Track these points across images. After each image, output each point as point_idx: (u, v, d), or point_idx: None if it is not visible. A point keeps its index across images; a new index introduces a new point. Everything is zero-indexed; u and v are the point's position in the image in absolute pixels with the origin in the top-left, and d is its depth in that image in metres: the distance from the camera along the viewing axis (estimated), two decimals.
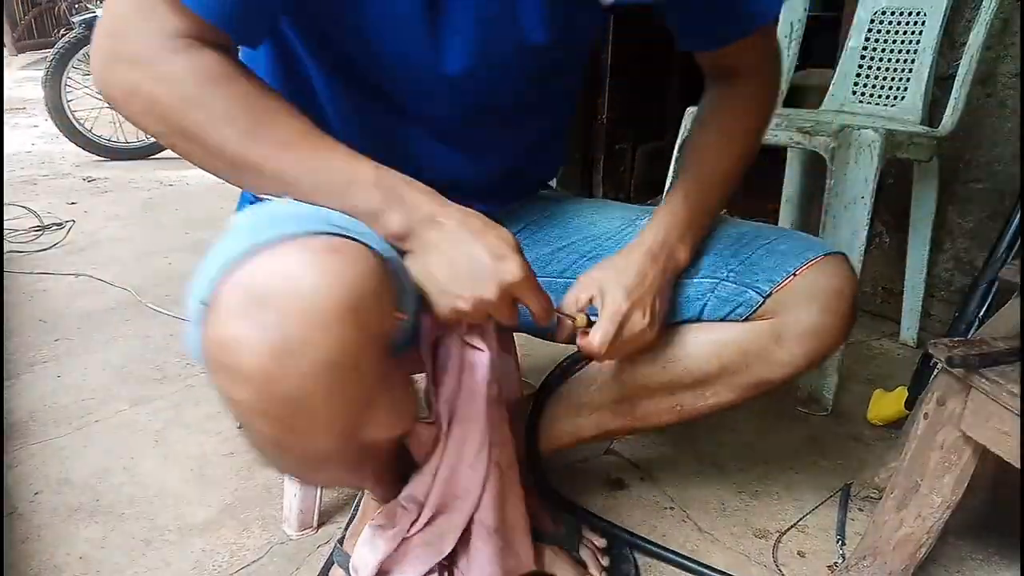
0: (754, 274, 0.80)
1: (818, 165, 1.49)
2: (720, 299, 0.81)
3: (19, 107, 5.02)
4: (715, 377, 0.82)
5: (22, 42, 8.19)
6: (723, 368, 0.82)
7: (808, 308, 0.77)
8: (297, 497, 0.98)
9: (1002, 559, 0.98)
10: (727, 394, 0.84)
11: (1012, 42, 1.52)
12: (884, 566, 0.88)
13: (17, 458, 1.16)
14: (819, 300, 0.77)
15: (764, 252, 0.81)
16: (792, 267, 0.79)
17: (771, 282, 0.79)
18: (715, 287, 0.82)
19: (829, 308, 0.78)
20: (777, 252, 0.80)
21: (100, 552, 0.96)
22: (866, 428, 1.32)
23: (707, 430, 1.30)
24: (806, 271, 0.78)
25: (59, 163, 3.46)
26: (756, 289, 0.79)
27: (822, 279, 0.78)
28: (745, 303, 0.80)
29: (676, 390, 0.85)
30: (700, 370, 0.82)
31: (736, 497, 1.12)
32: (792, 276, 0.78)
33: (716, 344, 0.81)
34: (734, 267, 0.81)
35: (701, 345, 0.82)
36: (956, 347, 0.78)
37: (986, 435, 0.75)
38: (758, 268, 0.80)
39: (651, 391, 0.85)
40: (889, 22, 1.61)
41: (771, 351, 0.79)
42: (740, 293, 0.80)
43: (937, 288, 1.72)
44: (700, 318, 0.83)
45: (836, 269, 0.79)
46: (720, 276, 0.82)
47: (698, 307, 0.83)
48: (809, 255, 0.79)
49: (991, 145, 1.59)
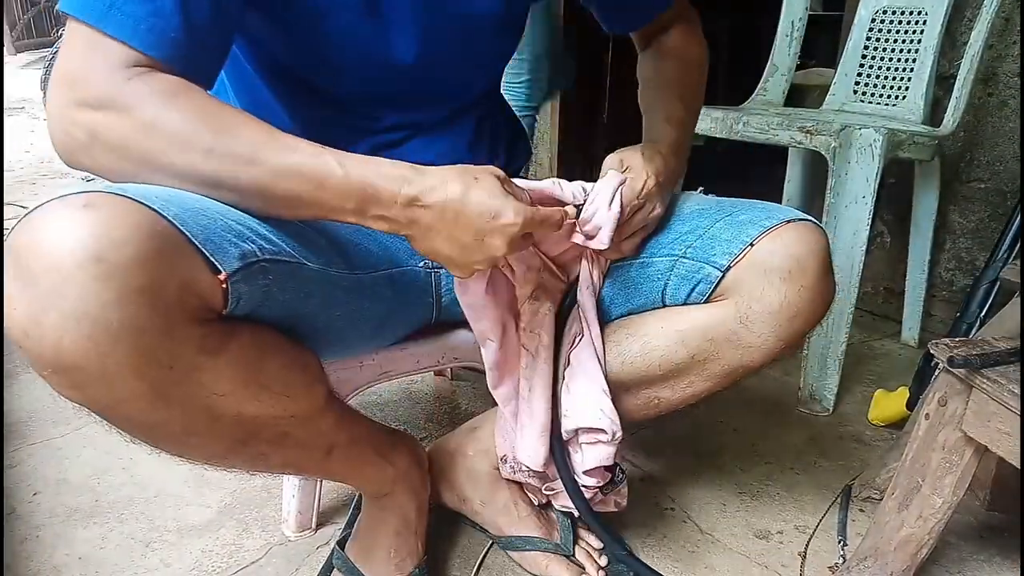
0: (711, 248, 0.76)
1: (819, 165, 1.49)
2: (680, 277, 0.78)
3: (18, 107, 5.02)
4: (686, 368, 0.79)
5: (21, 41, 8.19)
6: (692, 358, 0.78)
7: (769, 282, 0.72)
8: (296, 498, 0.98)
9: (1003, 560, 0.98)
10: (703, 383, 0.80)
11: (1014, 41, 1.52)
12: (885, 567, 0.87)
13: (16, 458, 1.15)
14: (780, 271, 0.71)
15: (723, 225, 0.77)
16: (750, 236, 0.73)
17: (728, 255, 0.74)
18: (674, 265, 0.79)
19: (793, 280, 0.71)
20: (736, 223, 0.75)
21: (99, 552, 0.96)
22: (867, 429, 1.32)
23: (707, 430, 1.29)
24: (764, 240, 0.72)
25: (59, 163, 3.44)
26: (713, 264, 0.75)
27: (780, 247, 0.72)
28: (704, 279, 0.76)
29: (650, 384, 0.82)
30: (669, 362, 0.79)
31: (737, 498, 1.12)
32: (749, 246, 0.73)
33: (679, 333, 0.78)
34: (692, 242, 0.78)
35: (665, 336, 0.79)
36: (958, 347, 0.78)
37: (987, 435, 0.75)
38: (716, 241, 0.76)
39: (626, 386, 0.83)
40: (890, 21, 1.60)
41: (739, 334, 0.74)
42: (698, 269, 0.76)
43: (938, 288, 1.72)
44: (664, 301, 0.81)
45: (799, 235, 0.73)
46: (678, 253, 0.78)
47: (659, 287, 0.80)
48: (768, 223, 0.73)
49: (992, 145, 1.59)
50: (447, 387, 1.44)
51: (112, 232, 0.51)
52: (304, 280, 0.66)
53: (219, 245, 0.56)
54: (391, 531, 0.88)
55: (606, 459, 0.82)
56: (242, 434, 0.68)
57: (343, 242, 0.75)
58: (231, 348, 0.59)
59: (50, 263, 0.50)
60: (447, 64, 0.80)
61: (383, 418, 1.32)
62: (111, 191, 0.53)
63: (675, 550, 1.00)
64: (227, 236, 0.58)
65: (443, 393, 1.42)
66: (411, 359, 0.91)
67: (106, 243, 0.50)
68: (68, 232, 0.50)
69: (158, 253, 0.52)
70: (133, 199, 0.53)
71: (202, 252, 0.55)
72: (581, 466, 0.83)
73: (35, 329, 0.51)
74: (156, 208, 0.53)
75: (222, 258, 0.56)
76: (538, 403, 0.82)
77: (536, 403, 0.82)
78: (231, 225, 0.59)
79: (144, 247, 0.52)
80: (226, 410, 0.63)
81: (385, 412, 1.34)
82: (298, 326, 0.68)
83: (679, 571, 0.96)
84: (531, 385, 0.83)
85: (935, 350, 0.79)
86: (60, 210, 0.51)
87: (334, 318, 0.73)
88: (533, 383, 0.82)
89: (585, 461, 0.83)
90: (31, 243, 0.51)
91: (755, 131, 1.42)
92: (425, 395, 1.41)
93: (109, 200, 0.52)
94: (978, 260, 1.63)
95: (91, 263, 0.50)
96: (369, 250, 0.78)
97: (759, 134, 1.42)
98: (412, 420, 1.32)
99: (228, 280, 0.56)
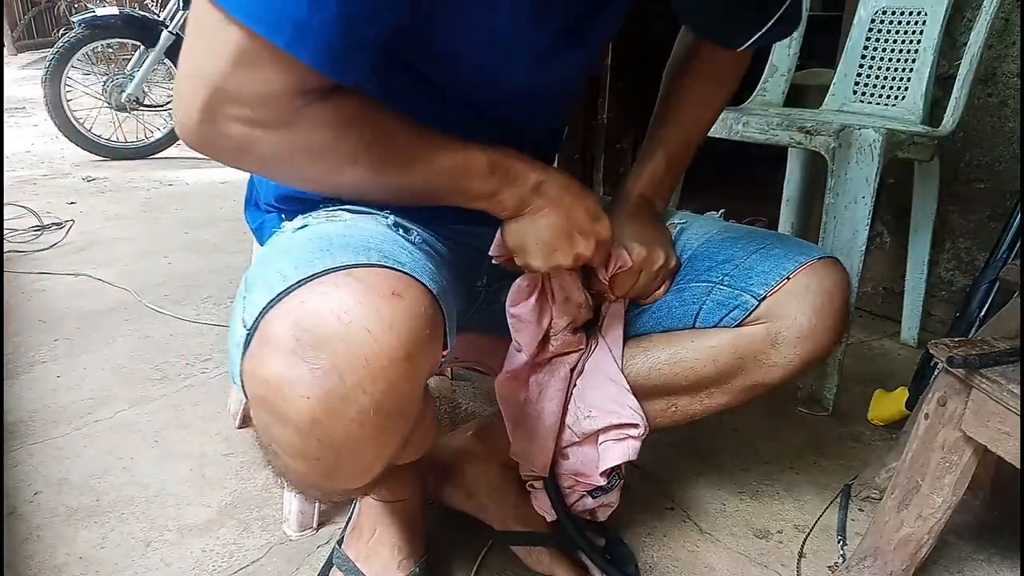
0: (749, 278, 0.81)
1: (819, 165, 1.49)
2: (715, 303, 0.82)
3: (18, 107, 5.02)
4: (711, 381, 0.83)
5: (21, 41, 8.19)
6: (719, 372, 0.82)
7: (802, 311, 0.78)
8: (296, 498, 0.98)
9: (1003, 559, 0.98)
10: (722, 397, 0.84)
11: (1013, 41, 1.52)
12: (885, 566, 0.87)
13: (17, 458, 1.15)
14: (813, 303, 0.78)
15: (759, 256, 0.82)
16: (786, 271, 0.79)
17: (766, 285, 0.79)
18: (711, 291, 0.83)
19: (823, 311, 0.78)
20: (772, 256, 0.81)
21: (99, 552, 0.96)
22: (867, 428, 1.32)
23: (708, 430, 1.29)
24: (800, 274, 0.79)
25: (58, 163, 3.46)
26: (751, 292, 0.80)
27: (815, 282, 0.79)
28: (740, 306, 0.80)
29: (671, 393, 0.85)
30: (696, 374, 0.83)
31: (737, 497, 1.12)
32: (786, 279, 0.79)
33: (713, 349, 0.82)
34: (729, 271, 0.82)
35: (696, 349, 0.83)
36: (957, 347, 0.78)
37: (987, 435, 0.75)
38: (753, 272, 0.81)
39: (647, 393, 0.85)
40: (890, 21, 1.61)
41: (767, 354, 0.80)
42: (735, 297, 0.81)
43: (938, 288, 1.72)
44: (695, 324, 0.84)
45: (830, 272, 0.80)
46: (715, 280, 0.83)
47: (693, 311, 0.83)
48: (803, 259, 0.80)
49: (992, 145, 1.59)
50: (447, 387, 1.44)
51: (419, 330, 0.52)
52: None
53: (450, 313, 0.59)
54: (392, 530, 0.88)
55: (633, 454, 0.84)
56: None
57: (444, 264, 0.76)
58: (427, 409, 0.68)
59: (361, 355, 0.50)
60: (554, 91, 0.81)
61: None
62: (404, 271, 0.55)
63: (675, 550, 1.00)
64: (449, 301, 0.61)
65: (443, 393, 1.42)
66: None
67: (416, 340, 0.52)
68: (380, 325, 0.50)
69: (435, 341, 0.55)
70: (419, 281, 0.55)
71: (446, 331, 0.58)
72: (602, 465, 0.85)
73: (327, 418, 0.50)
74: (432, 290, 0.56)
75: (450, 329, 0.59)
76: (549, 418, 0.85)
77: (547, 417, 0.85)
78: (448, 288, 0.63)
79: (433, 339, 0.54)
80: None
81: None
82: None
83: (679, 571, 0.96)
84: (542, 389, 0.85)
85: (935, 350, 0.80)
86: (363, 294, 0.51)
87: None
88: (545, 387, 0.85)
89: (607, 459, 0.85)
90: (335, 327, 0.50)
91: (755, 131, 1.42)
92: None
93: (413, 289, 0.54)
94: (978, 260, 1.63)
95: (404, 363, 0.51)
96: (458, 268, 0.81)
97: (759, 134, 1.42)
98: None
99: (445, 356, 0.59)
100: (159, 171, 3.38)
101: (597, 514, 0.93)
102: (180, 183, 3.17)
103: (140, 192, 2.99)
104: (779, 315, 0.79)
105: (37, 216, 2.43)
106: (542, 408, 0.85)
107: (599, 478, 0.86)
